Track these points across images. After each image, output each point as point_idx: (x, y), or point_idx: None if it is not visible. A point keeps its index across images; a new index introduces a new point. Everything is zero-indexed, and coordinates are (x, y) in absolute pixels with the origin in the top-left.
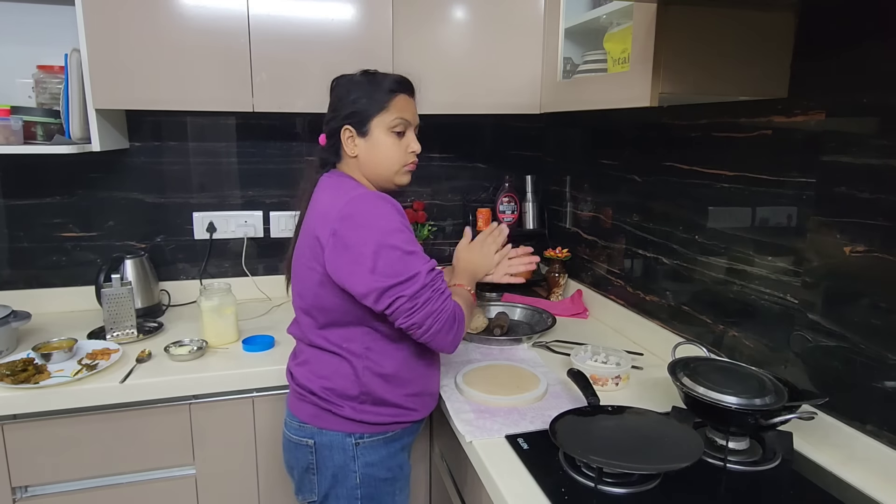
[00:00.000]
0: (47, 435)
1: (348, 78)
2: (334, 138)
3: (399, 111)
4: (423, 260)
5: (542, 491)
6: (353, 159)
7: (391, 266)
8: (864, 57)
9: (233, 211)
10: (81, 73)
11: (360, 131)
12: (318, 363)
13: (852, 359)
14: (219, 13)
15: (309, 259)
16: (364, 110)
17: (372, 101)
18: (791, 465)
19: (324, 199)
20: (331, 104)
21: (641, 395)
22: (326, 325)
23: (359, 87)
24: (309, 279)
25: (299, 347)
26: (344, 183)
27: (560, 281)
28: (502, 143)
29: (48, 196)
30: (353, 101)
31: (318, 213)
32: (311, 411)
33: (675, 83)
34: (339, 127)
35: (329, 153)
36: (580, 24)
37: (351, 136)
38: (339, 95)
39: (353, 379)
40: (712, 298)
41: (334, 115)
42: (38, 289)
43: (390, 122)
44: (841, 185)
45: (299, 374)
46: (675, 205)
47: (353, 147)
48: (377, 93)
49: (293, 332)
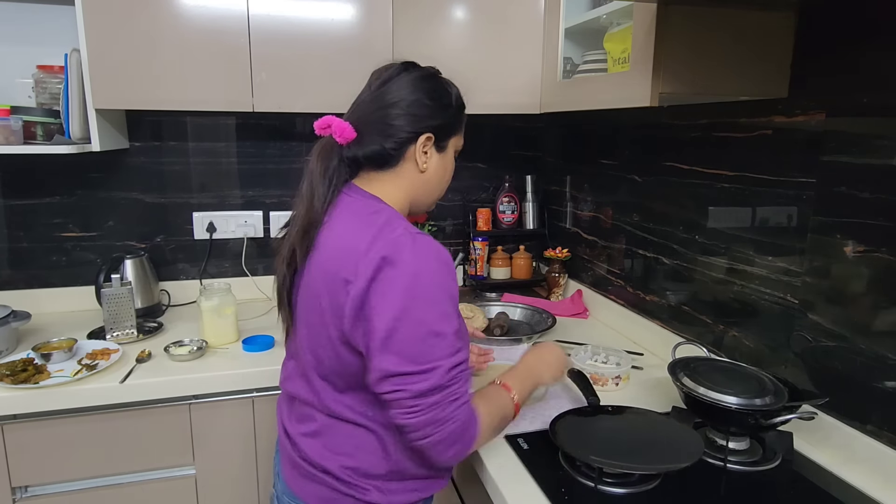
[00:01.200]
0: (47, 435)
1: (427, 74)
2: (400, 142)
3: (464, 134)
4: (451, 348)
5: (542, 491)
6: (418, 175)
7: (408, 345)
8: (864, 57)
9: (233, 211)
10: (81, 73)
11: (439, 145)
12: (336, 436)
13: (852, 359)
14: (219, 13)
15: (329, 312)
16: (451, 123)
17: (457, 113)
18: (791, 465)
19: (352, 230)
20: (400, 98)
21: (641, 395)
22: (347, 388)
23: (444, 95)
24: (328, 338)
25: (306, 412)
26: (381, 210)
27: (560, 281)
28: (502, 143)
29: (48, 196)
30: (444, 108)
31: (343, 251)
32: (327, 495)
33: (675, 83)
34: (418, 131)
35: (377, 154)
36: (580, 24)
37: (428, 148)
38: (422, 94)
39: (381, 455)
40: (712, 298)
41: (415, 113)
42: (38, 289)
43: (460, 145)
44: (841, 185)
45: (310, 449)
46: (675, 205)
47: (426, 160)
48: (459, 106)
49: (297, 392)
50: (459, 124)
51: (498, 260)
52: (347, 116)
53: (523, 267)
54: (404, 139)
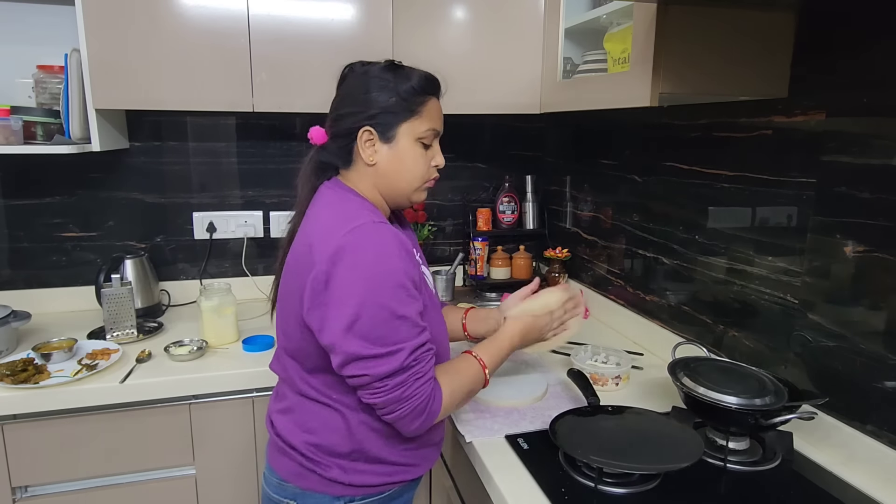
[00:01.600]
0: (47, 435)
1: (372, 68)
2: (347, 139)
3: (430, 120)
4: (415, 329)
5: (542, 491)
6: (370, 167)
7: (372, 329)
8: (864, 57)
9: (233, 211)
10: (81, 73)
11: (385, 136)
12: (304, 413)
13: (852, 359)
14: (219, 13)
15: (296, 289)
16: (392, 112)
17: (402, 101)
18: (791, 465)
19: (324, 221)
20: (345, 96)
21: (641, 395)
22: (314, 370)
23: (386, 83)
24: (294, 314)
25: (282, 390)
26: (347, 202)
27: (560, 281)
28: (502, 143)
29: (48, 196)
30: (380, 99)
31: (316, 236)
32: (293, 469)
33: (675, 83)
34: (357, 126)
35: (337, 155)
36: (580, 24)
37: (371, 140)
38: (361, 88)
39: (344, 434)
40: (712, 298)
41: (352, 110)
42: (38, 289)
43: (420, 131)
44: (841, 185)
45: (280, 425)
46: (675, 205)
47: (371, 153)
48: (408, 93)
49: (276, 369)
50: (410, 111)
51: (498, 260)
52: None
53: (523, 267)
54: (348, 136)
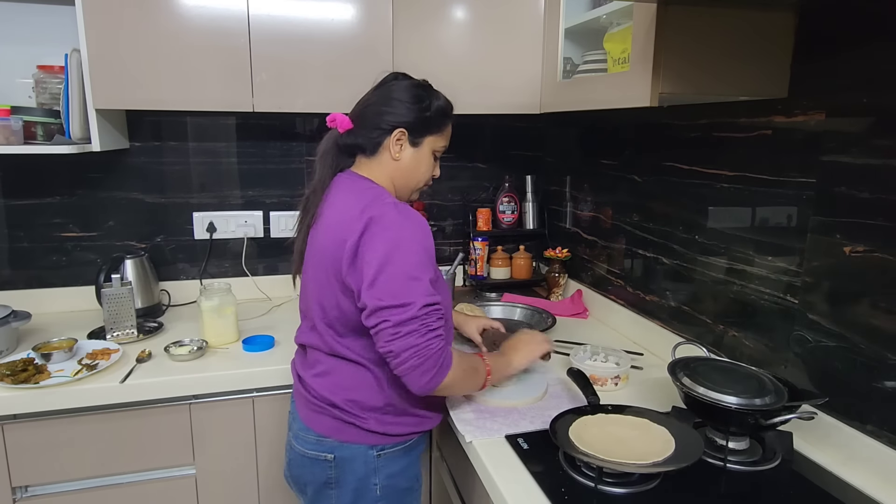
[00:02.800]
0: (47, 435)
1: (412, 81)
2: (381, 132)
3: (445, 139)
4: (425, 291)
5: (542, 491)
6: (394, 161)
7: (388, 286)
8: (864, 57)
9: (233, 211)
10: (81, 73)
11: (413, 141)
12: (341, 374)
13: (852, 359)
14: (219, 13)
15: (331, 266)
16: (427, 123)
17: (434, 118)
18: (791, 465)
19: (348, 202)
20: (388, 98)
21: (641, 394)
22: (347, 333)
23: (423, 99)
24: (331, 288)
25: (316, 357)
26: (371, 188)
27: (560, 281)
28: (502, 143)
29: (48, 196)
30: (419, 109)
31: (341, 216)
32: (332, 424)
33: (675, 83)
34: (395, 125)
35: (366, 142)
36: (580, 24)
37: (401, 141)
38: (403, 97)
39: (376, 390)
40: (712, 298)
41: (394, 111)
42: (38, 289)
43: (438, 146)
44: (841, 185)
45: (319, 386)
46: (675, 205)
47: (398, 151)
48: (438, 112)
49: (308, 340)
50: (437, 128)
51: (498, 260)
52: (350, 112)
53: (523, 267)
54: (383, 130)
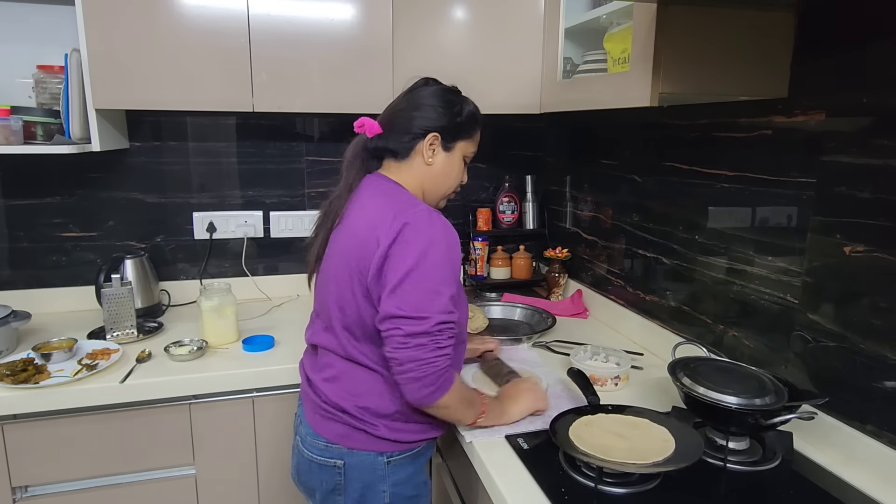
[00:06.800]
0: (47, 435)
1: (445, 88)
2: (413, 136)
3: (475, 145)
4: (444, 308)
5: (542, 491)
6: (426, 166)
7: (409, 296)
8: (864, 57)
9: (233, 211)
10: (81, 73)
11: (446, 146)
12: (352, 380)
13: (852, 359)
14: (219, 13)
15: (356, 268)
16: (458, 128)
17: (466, 123)
18: (791, 465)
19: (379, 204)
20: (421, 103)
21: (641, 394)
22: (364, 339)
23: (454, 104)
24: (352, 291)
25: (328, 360)
26: (402, 192)
27: (560, 281)
28: (502, 143)
29: (48, 196)
30: (451, 114)
31: (372, 220)
32: (342, 431)
33: (675, 83)
34: (428, 129)
35: (398, 146)
36: (580, 24)
37: (434, 145)
38: (434, 102)
39: (388, 397)
40: (712, 298)
41: (427, 115)
42: (38, 289)
43: (469, 151)
44: (841, 185)
45: (330, 392)
46: (675, 205)
47: (431, 155)
48: (469, 118)
49: (321, 341)
50: (468, 133)
51: (498, 260)
52: (379, 117)
53: (523, 267)
54: (415, 135)
